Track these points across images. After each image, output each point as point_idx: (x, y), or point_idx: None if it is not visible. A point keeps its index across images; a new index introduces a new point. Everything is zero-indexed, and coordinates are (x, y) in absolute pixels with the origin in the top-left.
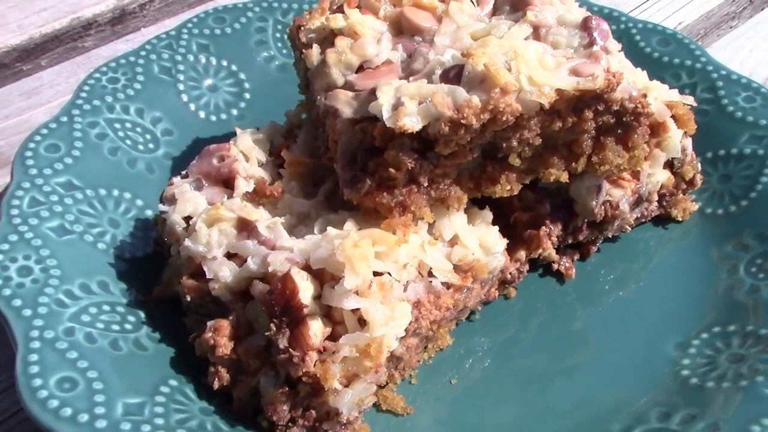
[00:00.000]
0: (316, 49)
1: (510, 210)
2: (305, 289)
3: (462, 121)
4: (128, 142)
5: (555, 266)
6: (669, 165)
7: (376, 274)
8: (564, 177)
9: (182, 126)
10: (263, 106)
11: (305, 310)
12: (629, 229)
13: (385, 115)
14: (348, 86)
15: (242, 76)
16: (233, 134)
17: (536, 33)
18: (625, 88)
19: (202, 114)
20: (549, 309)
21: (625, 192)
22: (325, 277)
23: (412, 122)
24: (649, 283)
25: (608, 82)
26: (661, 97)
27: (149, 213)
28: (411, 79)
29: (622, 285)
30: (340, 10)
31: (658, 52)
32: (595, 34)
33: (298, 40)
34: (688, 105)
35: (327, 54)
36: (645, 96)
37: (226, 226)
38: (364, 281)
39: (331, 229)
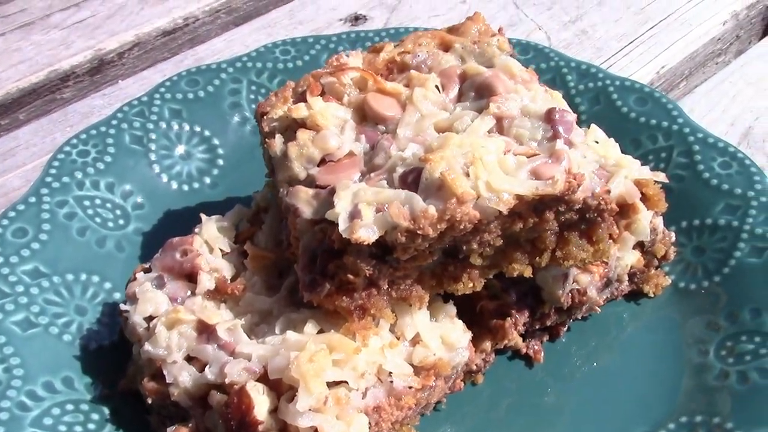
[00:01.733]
0: (279, 139)
1: (477, 299)
2: (261, 404)
3: (418, 231)
4: (98, 220)
5: (523, 351)
6: (639, 245)
7: (334, 383)
8: (528, 272)
9: (154, 198)
10: (237, 172)
11: (260, 427)
12: (598, 310)
13: (342, 225)
14: (310, 180)
15: (215, 141)
16: (204, 205)
17: (500, 124)
18: (587, 186)
19: (174, 185)
20: (518, 390)
21: (593, 278)
22: (282, 387)
23: (368, 234)
24: (619, 362)
25: (568, 184)
26: (631, 176)
27: (117, 296)
28: (372, 175)
29: (591, 364)
30: (304, 95)
31: (635, 112)
32: (559, 127)
33: (261, 128)
34: (659, 183)
35: (289, 147)
36: (608, 192)
37: (186, 328)
38: (319, 399)
39: (290, 334)
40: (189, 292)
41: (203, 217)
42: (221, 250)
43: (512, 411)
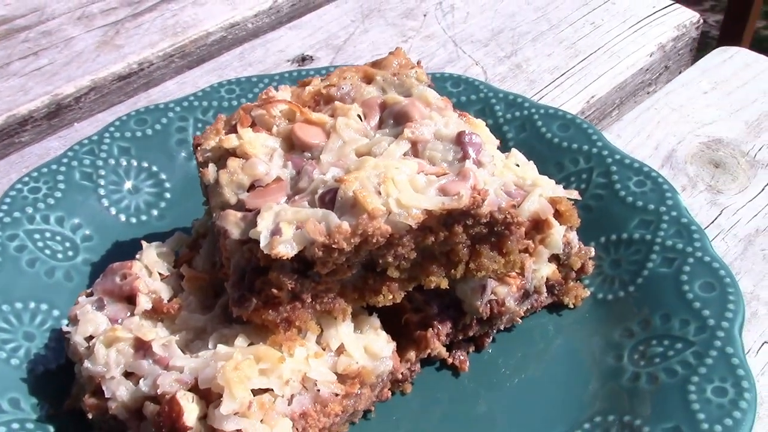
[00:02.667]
0: (212, 168)
1: (402, 311)
2: (191, 411)
3: (334, 245)
4: (47, 252)
5: (449, 361)
6: (555, 258)
7: (261, 391)
8: (444, 284)
9: (102, 231)
10: (183, 204)
11: None
12: (520, 321)
13: (262, 242)
14: (240, 205)
15: (163, 176)
16: (151, 235)
17: (415, 148)
18: (492, 201)
19: (122, 217)
20: (444, 398)
21: (511, 289)
22: (212, 396)
23: (287, 249)
24: (541, 370)
25: (473, 199)
26: (545, 194)
27: (65, 322)
28: (297, 197)
29: (515, 372)
30: (236, 127)
31: (558, 137)
32: (468, 149)
33: (196, 158)
34: (572, 200)
35: (220, 175)
36: (514, 206)
37: (123, 345)
38: (243, 403)
39: (221, 347)
40: (128, 313)
41: (144, 243)
42: (160, 273)
43: (439, 418)
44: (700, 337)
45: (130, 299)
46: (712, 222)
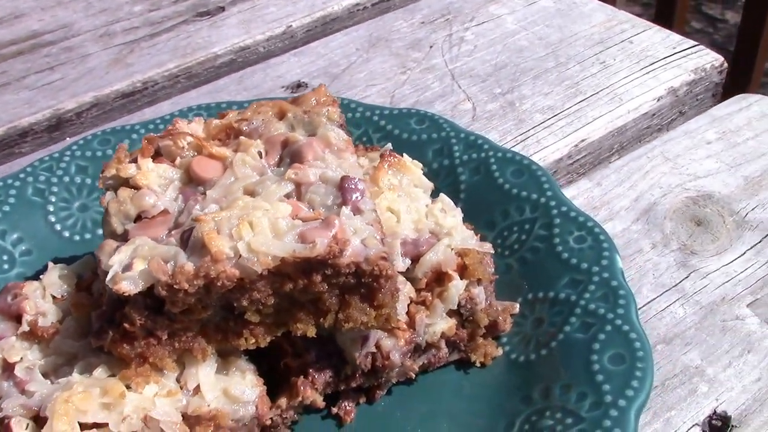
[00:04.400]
0: (108, 196)
1: (283, 355)
2: None
3: (175, 286)
4: None
5: (334, 410)
6: (458, 313)
7: (99, 425)
8: (311, 332)
9: (43, 246)
10: None
11: None
12: (413, 375)
13: (108, 276)
14: (124, 235)
15: None
16: (90, 254)
17: (299, 190)
18: (357, 252)
19: (66, 234)
20: None
21: (398, 342)
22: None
23: (130, 286)
24: (429, 428)
25: (329, 249)
26: (454, 245)
27: None
28: (173, 233)
29: (401, 428)
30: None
31: (510, 183)
32: (348, 195)
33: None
34: (483, 252)
35: (109, 204)
36: (384, 258)
37: None
38: None
39: (75, 376)
40: (16, 333)
41: (50, 264)
42: (53, 296)
43: None
44: (592, 413)
45: (18, 318)
46: (676, 285)
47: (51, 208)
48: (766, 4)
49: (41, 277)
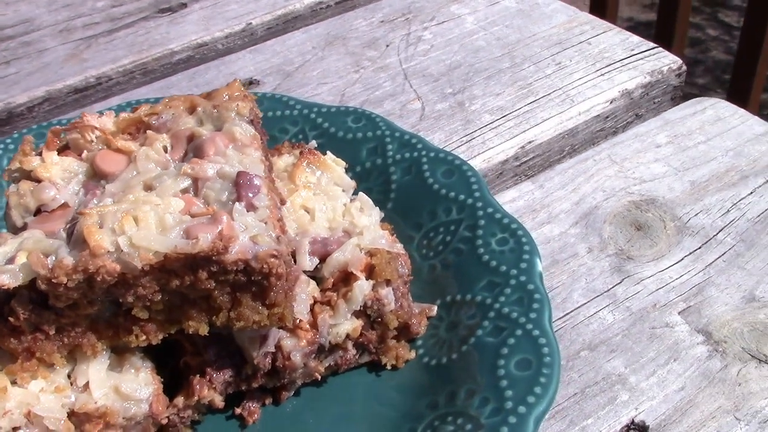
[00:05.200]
0: (12, 189)
1: (183, 354)
2: None
3: (54, 280)
4: None
5: (237, 410)
6: (365, 314)
7: None
8: (204, 330)
9: None
10: None
11: None
12: (319, 377)
13: None
14: (24, 228)
15: None
16: None
17: (196, 185)
18: (245, 249)
19: None
20: None
21: (299, 342)
22: None
23: (9, 279)
24: (333, 430)
25: (213, 245)
26: (363, 244)
27: None
28: (68, 226)
29: (304, 430)
30: None
31: (439, 183)
32: (242, 191)
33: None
34: (395, 253)
35: (10, 196)
36: (275, 256)
37: None
38: None
39: None
40: None
41: None
42: None
43: None
44: (491, 420)
45: None
46: (608, 290)
47: None
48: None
49: None
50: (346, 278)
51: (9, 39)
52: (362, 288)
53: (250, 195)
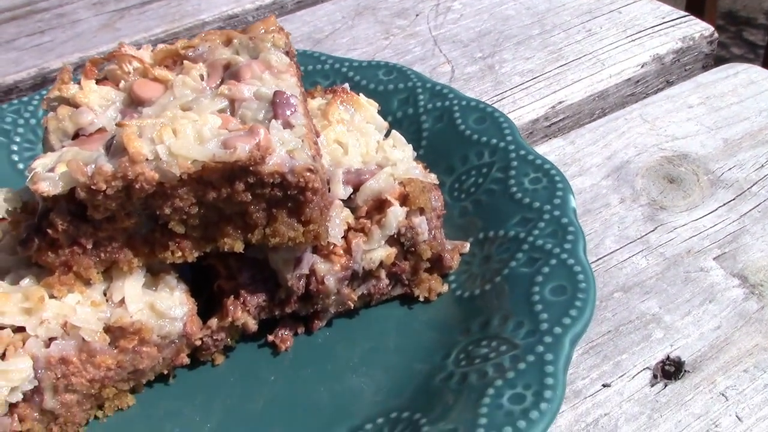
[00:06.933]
0: (50, 116)
1: (217, 277)
2: None
3: (93, 186)
4: None
5: (270, 337)
6: (399, 244)
7: (19, 329)
8: (239, 247)
9: (4, 183)
10: None
11: None
12: (352, 305)
13: (29, 178)
14: None
15: None
16: None
17: (233, 106)
18: (282, 162)
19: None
20: (257, 373)
21: (333, 267)
22: None
23: (48, 187)
24: (365, 360)
25: (250, 155)
26: (396, 174)
27: None
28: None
29: (337, 359)
30: None
31: (471, 129)
32: (279, 109)
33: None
34: (428, 184)
35: (48, 120)
36: (311, 171)
37: None
38: None
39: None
40: None
41: None
42: None
43: (239, 390)
44: (526, 341)
45: None
46: (641, 237)
47: (15, 148)
48: None
49: None
50: (379, 207)
51: (44, 11)
52: (396, 214)
53: (287, 113)
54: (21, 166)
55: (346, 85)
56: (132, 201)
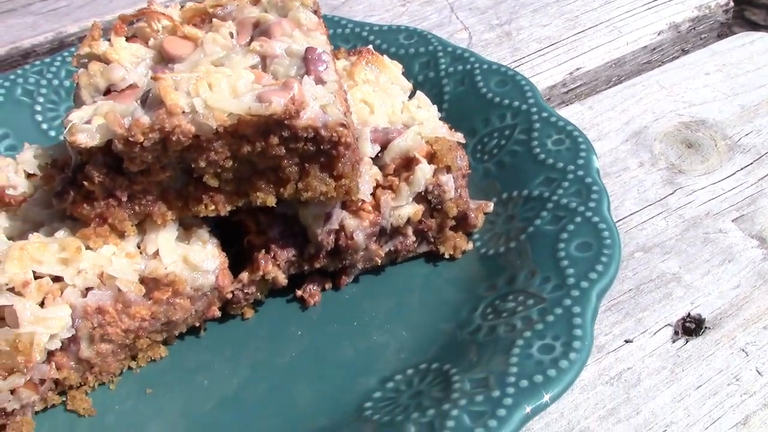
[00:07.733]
0: (81, 72)
1: (247, 232)
2: None
3: (130, 138)
4: None
5: (299, 293)
6: (426, 201)
7: (56, 278)
8: (271, 201)
9: (28, 142)
10: None
11: None
12: (379, 261)
13: (66, 130)
14: None
15: None
16: None
17: (264, 63)
18: (315, 117)
19: (52, 133)
20: (285, 326)
21: (362, 223)
22: None
23: (86, 138)
24: (393, 315)
25: (286, 109)
26: (423, 132)
27: None
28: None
29: (364, 314)
30: None
31: (493, 92)
32: (311, 65)
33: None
34: (454, 142)
35: (80, 76)
36: (344, 126)
37: None
38: (14, 280)
39: (34, 235)
40: None
41: (26, 145)
42: (27, 172)
43: (269, 344)
44: (553, 294)
45: None
46: (660, 200)
47: (38, 108)
48: None
49: (16, 156)
50: (407, 164)
51: None
52: (424, 171)
53: (320, 69)
54: (45, 126)
55: (370, 46)
56: (168, 154)
